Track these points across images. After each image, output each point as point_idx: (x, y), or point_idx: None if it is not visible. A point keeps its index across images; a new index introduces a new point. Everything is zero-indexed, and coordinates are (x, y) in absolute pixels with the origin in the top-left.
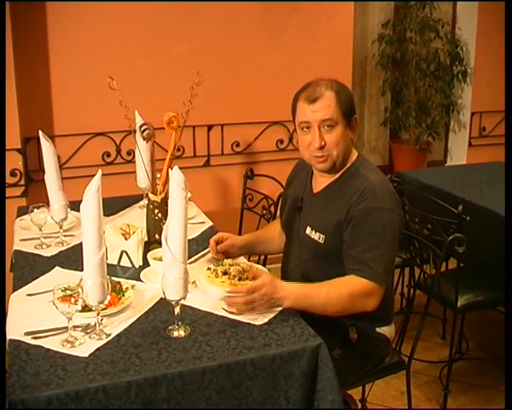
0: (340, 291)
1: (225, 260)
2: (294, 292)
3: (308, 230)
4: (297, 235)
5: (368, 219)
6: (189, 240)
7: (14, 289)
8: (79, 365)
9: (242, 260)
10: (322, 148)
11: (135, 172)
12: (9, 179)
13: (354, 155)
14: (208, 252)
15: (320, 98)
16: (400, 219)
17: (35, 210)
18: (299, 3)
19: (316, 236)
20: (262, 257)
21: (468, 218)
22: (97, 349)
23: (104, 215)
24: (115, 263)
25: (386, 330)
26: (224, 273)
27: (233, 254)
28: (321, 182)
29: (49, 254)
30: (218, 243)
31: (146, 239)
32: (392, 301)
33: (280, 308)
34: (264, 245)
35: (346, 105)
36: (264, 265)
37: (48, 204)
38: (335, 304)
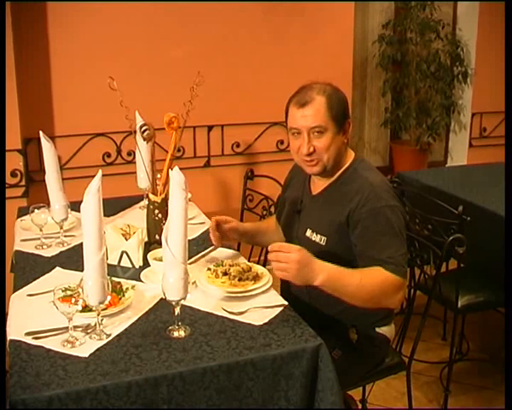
0: (373, 280)
1: (225, 261)
2: (329, 269)
3: (308, 232)
4: (297, 237)
5: (375, 220)
6: (189, 240)
7: (15, 290)
8: (80, 365)
9: (242, 260)
10: (311, 154)
11: (135, 172)
12: (10, 180)
13: (351, 156)
14: (208, 252)
15: (310, 103)
16: (404, 211)
17: (36, 211)
18: (300, 4)
19: (317, 238)
20: (262, 258)
21: (469, 218)
22: (98, 349)
23: (104, 216)
24: (115, 263)
25: (386, 331)
26: (225, 274)
27: (231, 239)
28: (319, 184)
29: (49, 255)
30: (220, 224)
31: (146, 239)
32: None
33: (280, 309)
34: (264, 236)
35: (337, 110)
36: (264, 265)
37: (48, 205)
38: (366, 292)
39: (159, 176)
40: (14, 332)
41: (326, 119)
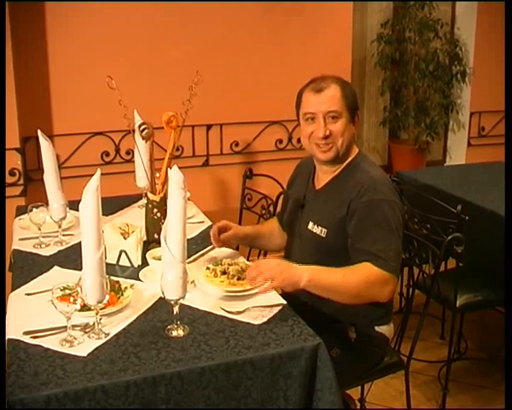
0: (356, 275)
1: (224, 260)
2: (311, 269)
3: (310, 224)
4: (298, 231)
5: (371, 212)
6: (188, 239)
7: (13, 289)
8: (78, 364)
9: (241, 259)
10: (326, 137)
11: (134, 171)
12: (8, 179)
13: (355, 150)
14: (207, 251)
15: (326, 89)
16: (403, 209)
17: (34, 209)
18: (299, 4)
19: (318, 230)
20: (261, 257)
21: (467, 218)
22: (96, 349)
23: (103, 215)
24: (114, 262)
25: (385, 330)
26: (223, 273)
27: (232, 244)
28: (323, 178)
29: (47, 254)
30: (221, 230)
31: (145, 238)
32: (391, 300)
33: (279, 308)
34: (263, 240)
35: (350, 99)
36: None
37: (47, 203)
38: (352, 287)
39: (157, 175)
40: (12, 331)
41: (341, 105)
